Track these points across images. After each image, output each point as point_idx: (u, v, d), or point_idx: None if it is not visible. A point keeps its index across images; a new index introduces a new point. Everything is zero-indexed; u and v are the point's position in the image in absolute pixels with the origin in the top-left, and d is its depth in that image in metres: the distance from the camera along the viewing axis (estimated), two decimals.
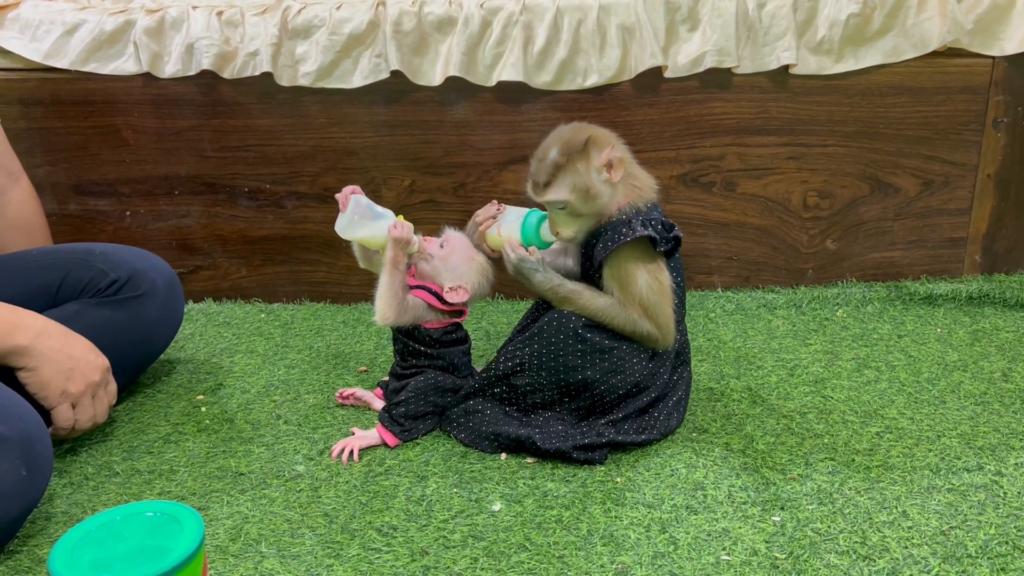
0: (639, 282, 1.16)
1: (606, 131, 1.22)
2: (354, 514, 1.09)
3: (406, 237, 1.23)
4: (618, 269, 1.17)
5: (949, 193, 1.71)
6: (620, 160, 1.17)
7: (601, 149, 1.16)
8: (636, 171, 1.22)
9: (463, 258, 1.28)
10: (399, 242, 1.23)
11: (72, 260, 1.34)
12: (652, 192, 1.22)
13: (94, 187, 1.75)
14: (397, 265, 1.23)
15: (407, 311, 1.24)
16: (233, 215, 1.76)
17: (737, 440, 1.23)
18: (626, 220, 1.18)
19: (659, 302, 1.17)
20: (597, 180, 1.17)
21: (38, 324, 1.16)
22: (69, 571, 0.75)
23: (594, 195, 1.17)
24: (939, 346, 1.51)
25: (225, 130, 1.70)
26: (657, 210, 1.22)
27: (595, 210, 1.19)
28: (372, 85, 1.63)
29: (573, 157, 1.17)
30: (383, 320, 1.23)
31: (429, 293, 1.26)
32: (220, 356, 1.55)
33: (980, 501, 1.08)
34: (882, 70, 1.62)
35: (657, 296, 1.17)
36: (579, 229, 1.20)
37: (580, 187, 1.17)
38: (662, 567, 0.97)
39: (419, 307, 1.26)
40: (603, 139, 1.19)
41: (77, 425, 1.19)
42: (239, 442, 1.26)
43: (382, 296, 1.23)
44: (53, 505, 1.12)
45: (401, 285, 1.24)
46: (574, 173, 1.17)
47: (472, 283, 1.27)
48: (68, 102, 1.69)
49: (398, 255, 1.23)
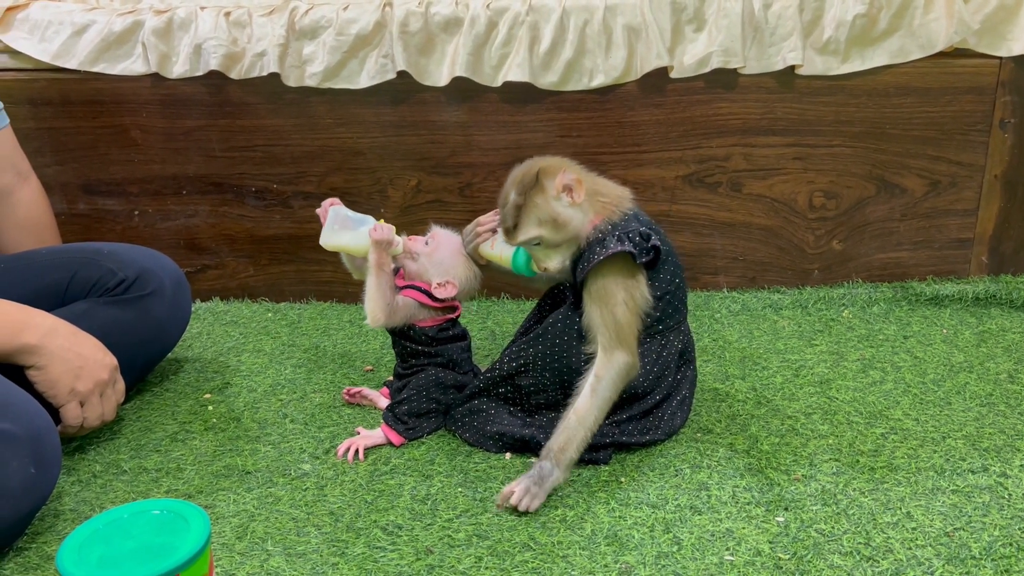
0: (616, 298, 1.14)
1: (557, 158, 1.21)
2: (359, 513, 1.09)
3: (387, 238, 1.23)
4: (597, 288, 1.15)
5: (956, 194, 1.71)
6: (577, 181, 1.15)
7: (554, 176, 1.15)
8: (602, 187, 1.21)
9: (449, 253, 1.28)
10: (380, 244, 1.23)
11: (81, 259, 1.35)
12: (625, 202, 1.21)
13: (103, 187, 1.76)
14: (382, 267, 1.24)
15: (398, 312, 1.25)
16: (240, 215, 1.77)
17: (741, 440, 1.23)
18: (600, 238, 1.16)
19: (631, 321, 1.15)
20: (560, 207, 1.16)
21: (47, 323, 1.17)
22: (77, 568, 0.76)
23: (563, 223, 1.16)
24: (945, 347, 1.51)
25: (232, 130, 1.70)
26: (638, 219, 1.20)
27: (570, 236, 1.18)
28: (379, 85, 1.64)
29: (530, 193, 1.16)
30: (374, 322, 1.24)
31: (419, 291, 1.26)
32: (227, 355, 1.56)
33: (984, 503, 1.08)
34: (888, 70, 1.62)
35: (630, 316, 1.15)
36: (563, 259, 1.20)
37: (546, 220, 1.16)
38: (666, 567, 0.98)
39: (410, 306, 1.26)
40: (553, 167, 1.17)
41: (85, 423, 1.20)
42: (246, 440, 1.27)
43: (371, 298, 1.24)
44: (61, 502, 1.13)
45: (388, 286, 1.24)
46: (535, 208, 1.16)
47: (460, 277, 1.28)
48: (77, 102, 1.70)
49: (382, 256, 1.24)
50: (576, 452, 1.12)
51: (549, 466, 1.10)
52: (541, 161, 1.20)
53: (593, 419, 1.13)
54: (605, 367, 1.14)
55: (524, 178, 1.17)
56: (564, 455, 1.11)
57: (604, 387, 1.14)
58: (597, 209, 1.18)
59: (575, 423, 1.12)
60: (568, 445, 1.11)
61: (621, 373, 1.14)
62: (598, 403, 1.13)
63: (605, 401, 1.14)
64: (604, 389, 1.14)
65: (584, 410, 1.13)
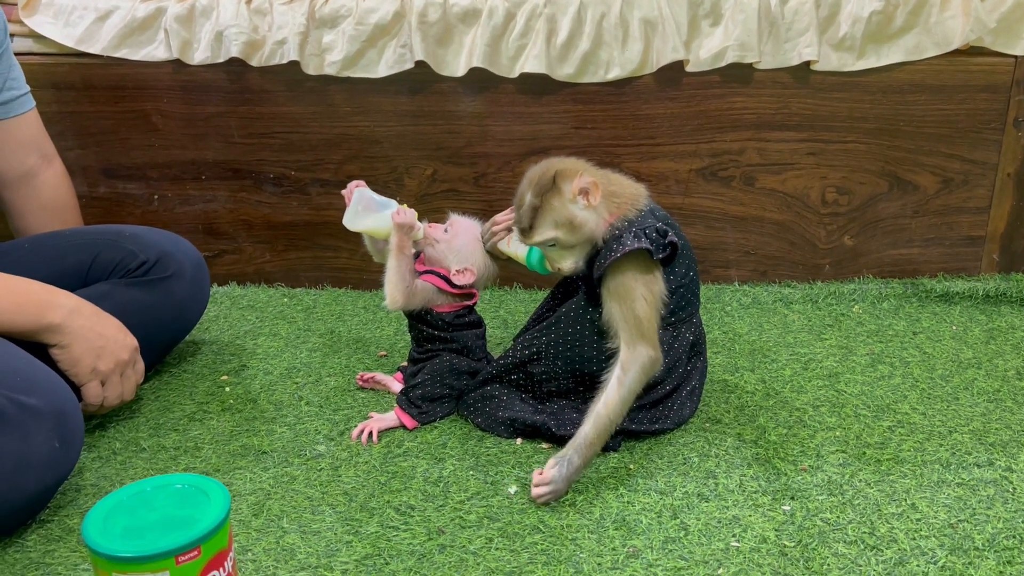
0: (635, 294, 1.15)
1: (573, 160, 1.21)
2: (373, 493, 1.12)
3: (409, 222, 1.25)
4: (615, 284, 1.16)
5: (968, 191, 1.71)
6: (594, 184, 1.15)
7: (571, 180, 1.16)
8: (616, 185, 1.21)
9: (468, 240, 1.30)
10: (402, 227, 1.25)
11: (103, 241, 1.38)
12: (641, 199, 1.21)
13: (123, 171, 1.79)
14: (403, 250, 1.26)
15: (416, 295, 1.27)
16: (258, 200, 1.79)
17: (750, 431, 1.25)
18: (617, 235, 1.17)
19: (650, 316, 1.16)
20: (577, 210, 1.16)
21: (71, 303, 1.19)
22: (102, 538, 0.79)
23: (579, 225, 1.17)
24: (954, 343, 1.52)
25: (252, 117, 1.73)
26: (654, 214, 1.21)
27: (586, 237, 1.18)
28: (397, 75, 1.65)
29: (547, 196, 1.16)
30: (393, 304, 1.26)
31: (438, 277, 1.28)
32: (244, 338, 1.58)
33: (989, 496, 1.09)
34: (904, 67, 1.63)
35: (649, 311, 1.16)
36: (577, 259, 1.20)
37: (562, 222, 1.16)
38: (672, 551, 1.00)
39: (428, 291, 1.28)
40: (570, 169, 1.17)
41: (106, 402, 1.23)
42: (262, 421, 1.30)
43: (390, 281, 1.26)
44: (83, 478, 1.16)
45: (408, 270, 1.26)
46: (552, 210, 1.16)
47: (478, 265, 1.30)
48: (99, 87, 1.73)
49: (403, 240, 1.26)
50: (600, 446, 1.13)
51: (578, 461, 1.11)
52: (557, 163, 1.20)
53: (619, 412, 1.14)
54: (630, 360, 1.14)
55: (541, 180, 1.17)
56: (591, 450, 1.12)
57: (630, 379, 1.14)
58: (612, 208, 1.19)
59: (605, 417, 1.12)
60: (597, 440, 1.12)
61: (645, 367, 1.15)
62: (624, 396, 1.14)
63: (631, 394, 1.14)
64: (630, 381, 1.14)
65: (613, 403, 1.13)
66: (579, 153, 1.65)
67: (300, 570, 0.98)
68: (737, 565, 0.97)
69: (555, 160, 1.21)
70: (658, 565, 0.97)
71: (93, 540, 0.78)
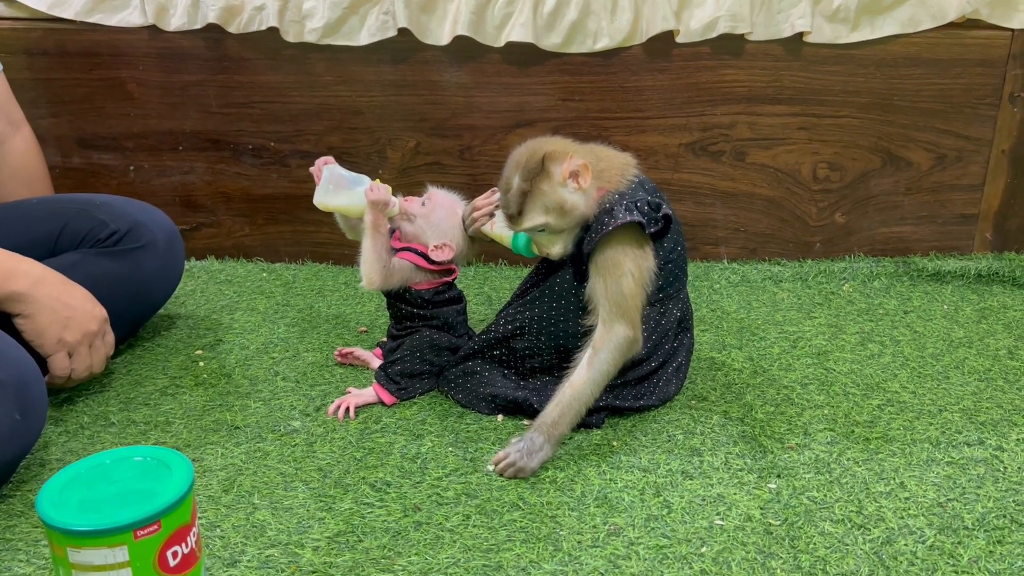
0: (622, 269, 1.11)
1: (560, 140, 1.17)
2: (348, 469, 1.08)
3: (383, 199, 1.21)
4: (603, 259, 1.12)
5: (962, 168, 1.68)
6: (584, 166, 1.11)
7: (560, 162, 1.12)
8: (604, 161, 1.17)
9: (446, 215, 1.26)
10: (376, 204, 1.21)
11: (72, 210, 1.33)
12: (629, 170, 1.17)
13: (98, 140, 1.74)
14: (378, 228, 1.21)
15: (394, 274, 1.23)
16: (237, 172, 1.75)
17: (736, 409, 1.22)
18: (608, 208, 1.13)
19: (635, 294, 1.12)
20: (567, 193, 1.12)
21: (36, 271, 1.15)
22: (57, 511, 0.75)
23: (569, 209, 1.13)
24: (945, 323, 1.49)
25: (230, 86, 1.68)
26: (645, 187, 1.17)
27: (575, 220, 1.14)
28: (379, 43, 1.61)
29: (536, 180, 1.12)
30: (369, 284, 1.22)
31: (415, 254, 1.24)
32: (220, 313, 1.54)
33: (979, 475, 1.06)
34: (898, 40, 1.59)
35: (635, 288, 1.12)
36: (566, 243, 1.17)
37: (553, 207, 1.12)
38: (655, 529, 0.97)
39: (406, 269, 1.24)
40: (559, 152, 1.13)
41: (73, 374, 1.19)
42: (236, 396, 1.26)
43: (366, 260, 1.21)
44: (48, 452, 1.12)
45: (384, 248, 1.22)
46: (542, 195, 1.12)
47: (457, 240, 1.26)
48: (73, 53, 1.68)
49: (378, 218, 1.21)
50: (568, 427, 1.10)
51: (540, 440, 1.08)
52: (545, 144, 1.15)
53: (589, 393, 1.11)
54: (603, 339, 1.11)
55: (528, 163, 1.13)
56: (556, 430, 1.09)
57: (601, 360, 1.11)
58: (602, 183, 1.15)
59: (569, 397, 1.10)
60: (561, 420, 1.10)
61: (621, 347, 1.12)
62: (594, 377, 1.11)
63: (602, 375, 1.11)
64: (601, 362, 1.11)
65: (580, 384, 1.10)
66: (567, 125, 1.63)
67: (270, 547, 0.95)
68: (721, 543, 0.95)
69: (541, 141, 1.16)
70: (640, 543, 0.95)
71: (47, 513, 0.75)
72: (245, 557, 0.93)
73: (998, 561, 0.92)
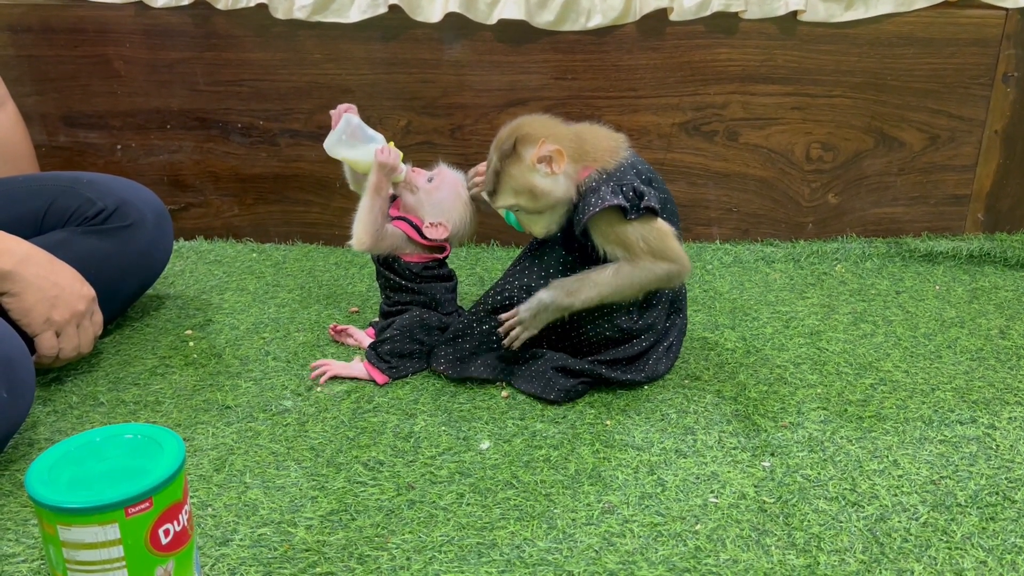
0: (637, 235, 1.11)
1: (544, 120, 1.16)
2: (340, 448, 1.08)
3: (392, 163, 1.20)
4: (611, 233, 1.12)
5: (955, 149, 1.68)
6: (558, 152, 1.10)
7: (532, 146, 1.11)
8: (591, 143, 1.15)
9: (449, 195, 1.25)
10: (384, 167, 1.20)
11: (59, 188, 1.31)
12: (620, 151, 1.16)
13: (84, 119, 1.71)
14: (379, 191, 1.20)
15: (384, 239, 1.22)
16: (226, 152, 1.72)
17: (730, 388, 1.22)
18: (595, 188, 1.12)
19: (662, 240, 1.12)
20: (537, 178, 1.12)
21: (22, 249, 1.13)
22: (46, 488, 0.74)
23: (541, 193, 1.12)
24: (937, 303, 1.49)
25: (219, 63, 1.66)
26: (636, 168, 1.15)
27: (551, 204, 1.14)
28: (369, 20, 1.59)
29: (506, 162, 1.12)
30: (359, 244, 1.21)
31: (409, 225, 1.24)
32: (210, 293, 1.53)
33: (972, 452, 1.07)
34: (892, 19, 1.58)
35: (658, 239, 1.12)
36: (549, 223, 1.16)
37: (521, 190, 1.12)
38: (649, 507, 0.97)
39: (397, 237, 1.24)
40: (533, 134, 1.11)
41: (61, 354, 1.17)
42: (227, 376, 1.25)
43: (360, 220, 1.20)
44: (36, 432, 1.11)
45: (381, 212, 1.21)
46: (511, 178, 1.12)
47: (454, 220, 1.25)
48: (58, 30, 1.65)
49: (382, 180, 1.20)
50: (580, 303, 1.13)
51: (548, 300, 1.12)
52: (525, 125, 1.14)
53: (610, 284, 1.12)
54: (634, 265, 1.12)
55: (503, 144, 1.13)
56: (567, 298, 1.13)
57: (628, 271, 1.12)
58: (587, 163, 1.14)
59: (592, 277, 1.13)
60: (575, 291, 1.12)
61: (660, 277, 1.13)
62: (619, 281, 1.12)
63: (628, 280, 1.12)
64: (628, 273, 1.12)
65: (603, 273, 1.12)
66: (559, 105, 1.62)
67: (263, 525, 0.94)
68: (715, 521, 0.95)
69: (525, 120, 1.16)
70: (634, 521, 0.94)
71: (36, 491, 0.74)
72: (237, 536, 0.92)
73: (991, 538, 0.92)
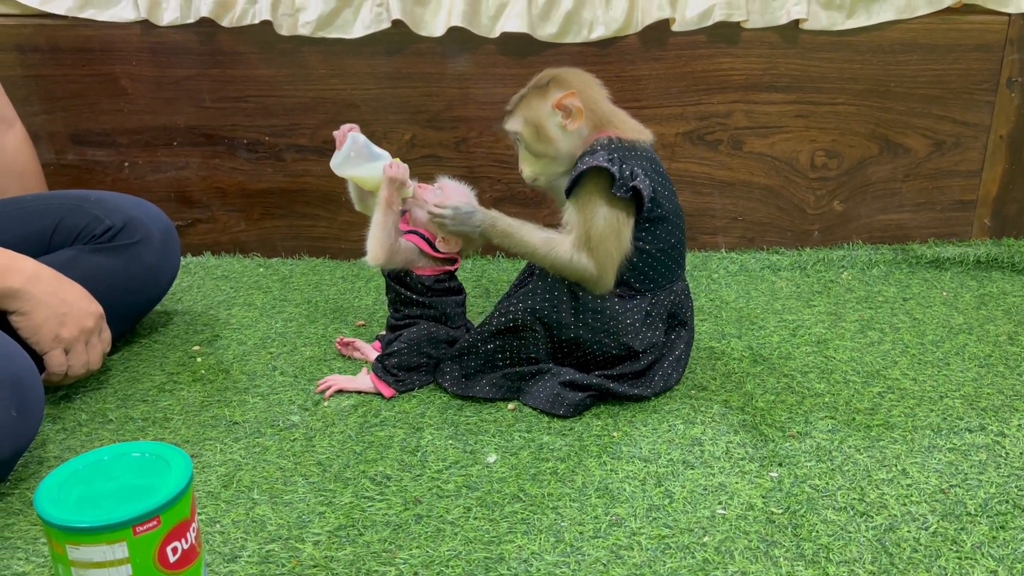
0: (598, 212, 1.12)
1: (586, 80, 1.18)
2: (348, 463, 1.08)
3: (401, 177, 1.21)
4: (583, 196, 1.14)
5: (960, 154, 1.68)
6: (578, 109, 1.14)
7: (560, 90, 1.14)
8: (619, 117, 1.18)
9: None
10: (394, 182, 1.20)
11: (66, 206, 1.32)
12: (641, 135, 1.18)
13: (92, 137, 1.73)
14: (391, 205, 1.21)
15: (398, 254, 1.23)
16: (232, 167, 1.74)
17: (736, 398, 1.22)
18: (591, 150, 1.14)
19: (606, 238, 1.13)
20: (550, 121, 1.16)
21: (30, 268, 1.14)
22: (55, 508, 0.74)
23: (546, 136, 1.16)
24: (945, 309, 1.49)
25: (224, 80, 1.67)
26: (645, 159, 1.16)
27: (551, 153, 1.17)
28: (373, 35, 1.60)
29: (533, 92, 1.17)
30: (374, 260, 1.21)
31: (422, 239, 1.24)
32: (217, 308, 1.54)
33: (981, 461, 1.06)
34: (895, 26, 1.58)
35: (607, 233, 1.13)
36: (540, 171, 1.20)
37: (531, 122, 1.17)
38: (657, 519, 0.96)
39: (410, 251, 1.24)
40: (567, 82, 1.16)
41: (70, 371, 1.18)
42: (234, 392, 1.25)
43: (374, 236, 1.21)
44: (45, 450, 1.12)
45: (394, 226, 1.22)
46: (529, 107, 1.17)
47: None
48: (65, 49, 1.66)
49: (392, 195, 1.21)
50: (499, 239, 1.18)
51: (479, 219, 1.18)
52: (570, 73, 1.18)
53: (530, 254, 1.17)
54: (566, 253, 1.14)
55: (542, 77, 1.17)
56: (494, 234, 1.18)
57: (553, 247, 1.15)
58: (600, 128, 1.16)
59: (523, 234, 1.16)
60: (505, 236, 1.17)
61: (578, 271, 1.15)
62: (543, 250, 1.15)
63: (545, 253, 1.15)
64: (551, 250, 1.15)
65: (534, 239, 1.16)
66: None
67: (271, 541, 0.94)
68: (723, 533, 0.94)
69: (574, 71, 1.20)
70: (642, 533, 0.94)
71: (45, 510, 0.74)
72: (245, 552, 0.92)
73: (1001, 547, 0.91)
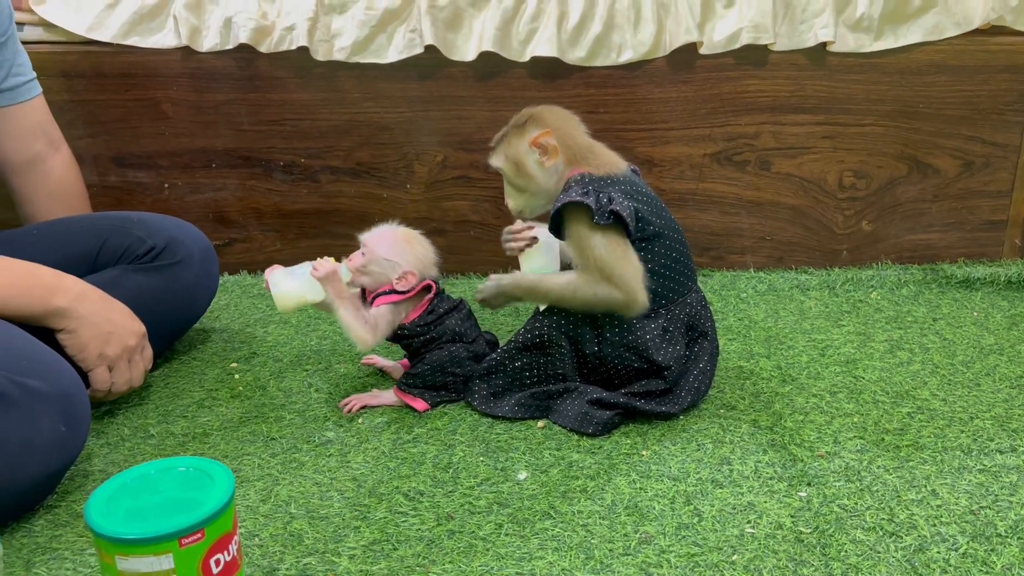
0: (594, 243, 1.15)
1: (563, 117, 1.23)
2: (382, 479, 1.10)
3: (330, 269, 1.23)
4: (575, 234, 1.17)
5: (990, 175, 1.68)
6: (553, 147, 1.19)
7: (536, 128, 1.20)
8: (594, 152, 1.22)
9: (387, 246, 1.26)
10: (328, 277, 1.23)
11: (111, 227, 1.37)
12: (616, 166, 1.21)
13: (133, 159, 1.78)
14: (342, 295, 1.23)
15: (380, 324, 1.24)
16: (268, 188, 1.78)
17: (765, 417, 1.23)
18: (566, 187, 1.19)
19: (615, 263, 1.14)
20: (528, 158, 1.21)
21: (78, 287, 1.18)
22: (105, 520, 0.77)
23: (525, 173, 1.22)
24: (975, 329, 1.49)
25: (262, 104, 1.72)
26: (621, 184, 1.18)
27: (532, 188, 1.22)
28: (406, 60, 1.64)
29: (512, 131, 1.23)
30: (363, 345, 1.23)
31: (385, 295, 1.26)
32: (254, 326, 1.57)
33: (1012, 482, 1.06)
34: (923, 48, 1.59)
35: (614, 258, 1.15)
36: (524, 205, 1.25)
37: (511, 159, 1.22)
38: (686, 538, 0.98)
39: (387, 313, 1.25)
40: (544, 120, 1.21)
41: (113, 388, 1.22)
42: (271, 408, 1.29)
43: (350, 327, 1.22)
44: (91, 463, 1.15)
45: (358, 308, 1.24)
46: (508, 145, 1.23)
47: (411, 262, 1.26)
48: (109, 75, 1.72)
49: (337, 287, 1.23)
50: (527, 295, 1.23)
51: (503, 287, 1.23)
52: (547, 112, 1.23)
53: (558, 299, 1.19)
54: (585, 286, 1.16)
55: (521, 116, 1.23)
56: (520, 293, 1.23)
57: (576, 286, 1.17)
58: (577, 165, 1.21)
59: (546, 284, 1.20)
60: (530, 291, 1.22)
61: (605, 301, 1.16)
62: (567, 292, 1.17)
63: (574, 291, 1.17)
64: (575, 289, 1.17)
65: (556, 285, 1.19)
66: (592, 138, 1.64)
67: (307, 555, 0.97)
68: (752, 551, 0.95)
69: (552, 109, 1.25)
70: (671, 551, 0.95)
71: (96, 522, 0.77)
72: (284, 565, 0.95)
73: None
